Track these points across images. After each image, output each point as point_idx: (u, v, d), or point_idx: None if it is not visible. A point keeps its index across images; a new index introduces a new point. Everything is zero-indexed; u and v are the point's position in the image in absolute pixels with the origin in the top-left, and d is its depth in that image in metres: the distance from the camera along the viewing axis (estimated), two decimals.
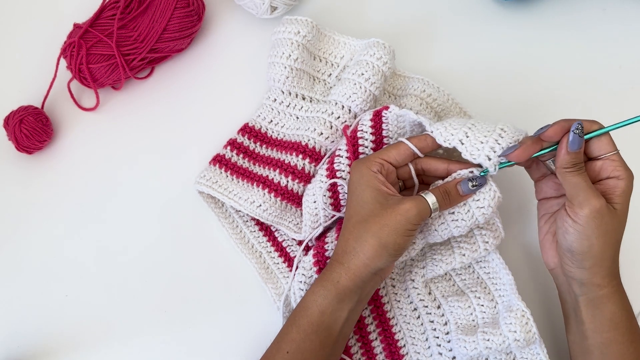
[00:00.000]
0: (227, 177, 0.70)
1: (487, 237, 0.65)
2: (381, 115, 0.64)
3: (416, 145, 0.60)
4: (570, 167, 0.56)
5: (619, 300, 0.59)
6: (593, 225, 0.56)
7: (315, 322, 0.57)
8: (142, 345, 0.68)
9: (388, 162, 0.60)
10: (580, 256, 0.58)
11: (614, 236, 0.57)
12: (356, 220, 0.58)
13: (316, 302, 0.58)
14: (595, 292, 0.59)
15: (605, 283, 0.58)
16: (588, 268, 0.58)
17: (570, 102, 0.75)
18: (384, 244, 0.56)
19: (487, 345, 0.61)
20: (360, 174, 0.59)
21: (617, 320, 0.59)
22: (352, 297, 0.58)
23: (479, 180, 0.59)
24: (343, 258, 0.58)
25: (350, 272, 0.57)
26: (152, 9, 0.72)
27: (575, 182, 0.56)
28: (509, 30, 0.78)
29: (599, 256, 0.57)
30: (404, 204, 0.56)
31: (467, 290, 0.67)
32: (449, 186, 0.59)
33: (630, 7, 0.79)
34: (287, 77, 0.70)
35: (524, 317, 0.61)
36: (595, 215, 0.55)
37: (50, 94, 0.74)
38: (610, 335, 0.59)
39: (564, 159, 0.56)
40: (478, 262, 0.68)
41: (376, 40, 0.69)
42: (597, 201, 0.55)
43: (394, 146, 0.61)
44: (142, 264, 0.70)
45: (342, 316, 0.58)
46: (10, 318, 0.69)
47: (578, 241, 0.57)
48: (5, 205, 0.72)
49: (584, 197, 0.55)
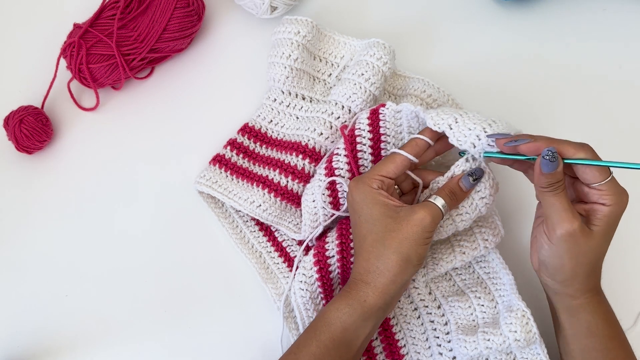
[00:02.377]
0: (227, 177, 0.70)
1: (487, 235, 0.65)
2: (378, 113, 0.64)
3: (410, 152, 0.60)
4: (546, 187, 0.55)
5: (594, 309, 0.59)
6: (565, 246, 0.55)
7: (337, 338, 0.57)
8: (142, 345, 0.68)
9: (387, 177, 0.59)
10: (553, 270, 0.58)
11: (589, 257, 0.56)
12: (372, 239, 0.57)
13: (340, 319, 0.57)
14: (569, 301, 0.59)
15: (578, 295, 0.58)
16: (560, 281, 0.58)
17: (570, 102, 0.75)
18: (406, 257, 0.56)
19: (487, 345, 0.61)
20: (364, 193, 0.58)
21: (594, 329, 0.59)
22: (379, 314, 0.58)
23: (477, 172, 0.59)
24: (367, 277, 0.57)
25: (378, 291, 0.57)
26: (152, 9, 0.72)
27: (550, 203, 0.55)
28: (509, 30, 0.78)
29: (570, 274, 0.57)
30: (417, 213, 0.56)
31: (467, 290, 0.67)
32: (453, 185, 0.59)
33: (630, 7, 0.79)
34: (287, 77, 0.70)
35: (525, 317, 0.61)
36: (567, 238, 0.55)
37: (50, 94, 0.74)
38: (589, 342, 0.59)
39: (539, 179, 0.55)
40: (478, 262, 0.68)
41: (376, 41, 0.69)
42: (570, 224, 0.54)
43: (390, 160, 0.60)
44: (142, 264, 0.70)
45: (365, 333, 0.58)
46: (10, 318, 0.69)
47: (550, 257, 0.57)
48: (5, 205, 0.72)
49: (557, 219, 0.55)
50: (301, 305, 0.65)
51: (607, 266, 0.68)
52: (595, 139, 0.73)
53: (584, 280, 0.58)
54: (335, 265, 0.65)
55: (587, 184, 0.56)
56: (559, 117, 0.75)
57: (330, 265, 0.65)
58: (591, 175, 0.55)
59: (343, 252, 0.64)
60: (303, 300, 0.65)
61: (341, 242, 0.64)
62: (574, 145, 0.55)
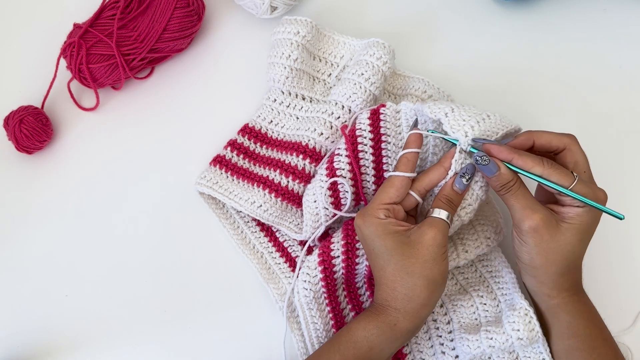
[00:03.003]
0: (228, 177, 0.70)
1: (489, 233, 0.65)
2: (379, 113, 0.64)
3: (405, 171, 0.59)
4: (499, 189, 0.57)
5: (573, 310, 0.59)
6: (532, 242, 0.57)
7: (362, 356, 0.57)
8: (142, 346, 0.68)
9: (391, 203, 0.58)
10: (525, 265, 0.59)
11: (557, 253, 0.57)
12: (393, 268, 0.57)
13: (368, 339, 0.57)
14: (547, 301, 0.60)
15: (554, 294, 0.59)
16: (533, 277, 0.59)
17: (570, 101, 0.75)
18: (432, 279, 0.56)
19: (490, 344, 0.61)
20: (372, 226, 0.57)
21: (575, 329, 0.59)
22: (407, 337, 0.58)
23: (469, 171, 0.58)
24: (396, 304, 0.57)
25: (409, 315, 0.56)
26: (152, 9, 0.72)
27: (509, 204, 0.57)
28: (508, 30, 0.78)
29: (541, 270, 0.58)
30: (427, 233, 0.56)
31: (469, 289, 0.67)
32: (448, 192, 0.58)
33: (630, 7, 0.79)
34: (287, 77, 0.70)
35: (527, 316, 0.61)
36: (532, 233, 0.56)
37: (50, 94, 0.74)
38: (571, 343, 0.60)
39: (490, 182, 0.57)
40: (480, 261, 0.68)
41: (376, 40, 0.69)
42: (531, 220, 0.56)
43: (389, 184, 0.59)
44: (143, 264, 0.70)
45: (389, 353, 0.58)
46: (11, 318, 0.69)
47: (521, 253, 0.58)
48: (5, 205, 0.72)
49: (519, 218, 0.57)
50: (304, 305, 0.65)
51: (606, 266, 0.69)
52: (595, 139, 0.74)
53: (558, 279, 0.58)
54: (340, 265, 0.65)
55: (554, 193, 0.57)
56: (559, 116, 0.74)
57: (335, 265, 0.65)
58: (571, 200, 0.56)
59: (348, 252, 0.64)
60: (306, 300, 0.65)
61: (347, 242, 0.64)
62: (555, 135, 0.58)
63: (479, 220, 0.66)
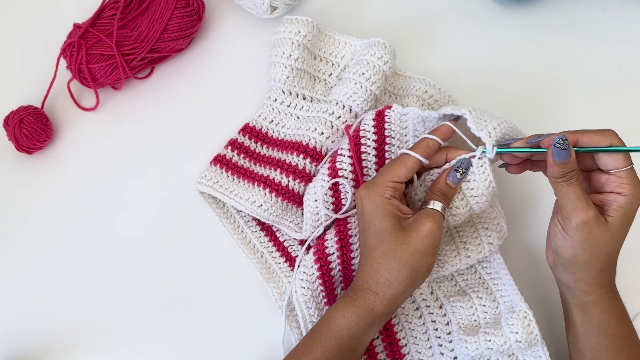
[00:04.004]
0: (228, 177, 0.70)
1: (492, 238, 0.65)
2: (384, 114, 0.64)
3: (421, 154, 0.59)
4: (560, 177, 0.55)
5: (607, 307, 0.58)
6: (579, 236, 0.55)
7: (344, 345, 0.57)
8: (143, 345, 0.68)
9: (399, 182, 0.58)
10: (565, 261, 0.58)
11: (603, 249, 0.56)
12: (382, 251, 0.57)
13: (347, 326, 0.57)
14: (581, 297, 0.59)
15: (591, 290, 0.58)
16: (572, 273, 0.58)
17: (570, 101, 0.75)
18: (417, 270, 0.56)
19: (488, 345, 0.61)
20: (375, 203, 0.57)
21: (606, 327, 0.58)
22: (383, 320, 0.59)
23: (463, 164, 0.58)
24: (376, 288, 0.57)
25: (387, 300, 0.57)
26: (152, 9, 0.72)
27: (564, 193, 0.55)
28: (509, 30, 0.78)
29: (583, 266, 0.57)
30: (425, 224, 0.56)
31: (469, 291, 0.67)
32: (441, 186, 0.58)
33: (630, 7, 0.79)
34: (288, 76, 0.70)
35: (526, 319, 0.61)
36: (582, 227, 0.55)
37: (50, 94, 0.74)
38: (600, 341, 0.59)
39: (552, 170, 0.55)
40: (480, 263, 0.68)
41: (377, 40, 0.69)
42: (585, 214, 0.54)
43: (401, 163, 0.58)
44: (143, 264, 0.70)
45: (370, 337, 0.59)
46: (10, 318, 0.69)
47: (563, 248, 0.57)
48: (5, 205, 0.72)
49: (571, 209, 0.55)
50: (302, 304, 0.65)
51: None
52: None
53: (598, 275, 0.57)
54: (336, 262, 0.65)
55: (606, 171, 0.56)
56: (559, 116, 0.75)
57: (331, 262, 0.65)
58: (614, 160, 0.55)
59: (343, 249, 0.64)
60: (305, 299, 0.65)
61: (340, 239, 0.64)
62: (598, 132, 0.55)
63: (482, 224, 0.66)
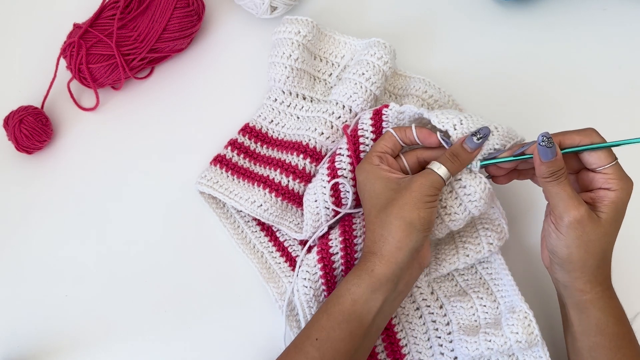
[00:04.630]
0: (228, 177, 0.70)
1: (492, 239, 0.65)
2: (381, 113, 0.64)
3: (398, 135, 0.61)
4: (548, 176, 0.55)
5: (604, 306, 0.58)
6: (573, 235, 0.55)
7: (347, 311, 0.57)
8: (143, 345, 0.68)
9: (383, 152, 0.61)
10: (561, 260, 0.58)
11: (597, 246, 0.56)
12: (377, 210, 0.58)
13: (349, 290, 0.57)
14: (578, 296, 0.59)
15: (588, 289, 0.58)
16: (568, 272, 0.58)
17: (570, 101, 0.75)
18: (409, 221, 0.56)
19: (488, 346, 0.61)
20: (366, 171, 0.60)
21: (603, 326, 0.59)
22: (388, 285, 0.57)
23: (483, 131, 0.58)
24: (374, 247, 0.57)
25: (384, 259, 0.56)
26: (152, 9, 0.72)
27: (554, 192, 0.56)
28: (509, 30, 0.78)
29: (579, 263, 0.57)
30: (416, 181, 0.57)
31: (469, 291, 0.67)
32: (455, 147, 0.58)
33: (630, 7, 0.79)
34: (288, 77, 0.70)
35: (527, 319, 0.61)
36: (575, 225, 0.55)
37: (50, 94, 0.74)
38: (597, 340, 0.59)
39: (539, 170, 0.55)
40: (481, 263, 0.68)
41: (377, 40, 0.69)
42: (577, 212, 0.55)
43: (383, 138, 0.62)
44: (143, 264, 0.70)
45: (375, 306, 0.57)
46: (10, 318, 0.68)
47: (558, 247, 0.57)
48: (5, 205, 0.72)
49: (563, 207, 0.55)
50: (304, 303, 0.65)
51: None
52: None
53: (594, 272, 0.57)
54: (340, 262, 0.65)
55: (592, 169, 0.56)
56: (558, 116, 0.75)
57: (335, 262, 0.65)
58: (597, 159, 0.56)
59: (347, 248, 0.64)
60: (306, 298, 0.65)
61: (345, 238, 0.64)
62: (578, 132, 0.56)
63: (483, 225, 0.66)
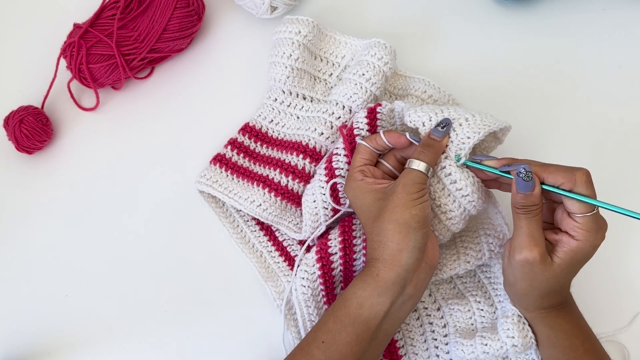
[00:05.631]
0: (228, 176, 0.70)
1: (494, 245, 0.64)
2: (376, 112, 0.64)
3: (370, 144, 0.62)
4: (519, 208, 0.55)
5: (550, 323, 0.60)
6: (520, 270, 0.56)
7: (353, 314, 0.57)
8: (143, 345, 0.68)
9: (362, 165, 0.61)
10: (506, 282, 0.60)
11: (543, 284, 0.57)
12: (371, 221, 0.58)
13: (355, 294, 0.57)
14: (525, 313, 0.61)
15: (530, 309, 0.60)
16: (512, 294, 0.61)
17: (570, 102, 0.75)
18: (402, 222, 0.56)
19: (484, 349, 0.61)
20: (353, 189, 0.60)
21: (553, 341, 0.60)
22: (394, 289, 0.56)
23: (444, 121, 0.59)
24: (375, 254, 0.57)
25: (388, 263, 0.56)
26: (152, 9, 0.72)
27: (519, 225, 0.56)
28: (509, 30, 0.78)
29: (521, 293, 0.59)
30: (398, 183, 0.57)
31: (467, 294, 0.67)
32: (425, 139, 0.59)
33: (630, 7, 0.79)
34: (288, 76, 0.70)
35: (520, 322, 0.61)
36: (524, 264, 0.56)
37: (50, 94, 0.74)
38: (552, 352, 0.60)
39: (514, 198, 0.55)
40: (479, 267, 0.68)
41: (377, 41, 0.68)
42: (530, 253, 0.55)
43: (356, 151, 0.63)
44: (142, 264, 0.70)
45: (382, 310, 0.57)
46: (10, 318, 0.69)
47: (506, 272, 0.59)
48: (5, 205, 0.72)
49: (519, 243, 0.55)
50: (302, 302, 0.65)
51: (605, 266, 0.69)
52: (594, 139, 0.74)
53: (536, 300, 0.59)
54: (338, 262, 0.65)
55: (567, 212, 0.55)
56: (558, 116, 0.75)
57: (333, 262, 0.65)
58: (572, 205, 0.54)
59: (346, 249, 0.64)
60: (304, 297, 0.65)
61: (344, 239, 0.64)
62: (565, 172, 0.54)
63: (484, 230, 0.65)
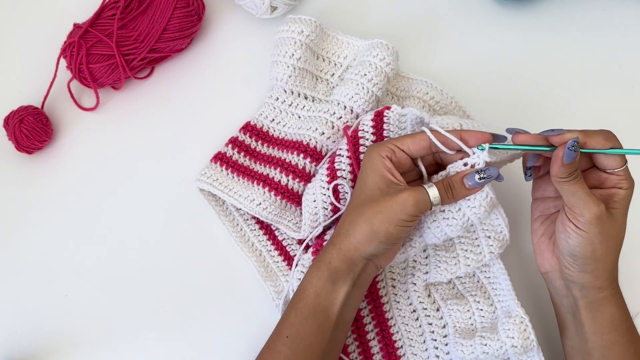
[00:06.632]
0: (228, 175, 0.70)
1: (494, 247, 0.64)
2: (383, 115, 0.64)
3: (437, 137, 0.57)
4: (566, 177, 0.55)
5: (617, 302, 0.59)
6: (595, 231, 0.56)
7: (312, 305, 0.57)
8: (142, 345, 0.68)
9: (400, 149, 0.58)
10: (583, 260, 0.58)
11: (616, 241, 0.57)
12: (355, 203, 0.58)
13: (311, 283, 0.57)
14: (595, 294, 0.59)
15: (605, 286, 0.58)
16: (590, 272, 0.58)
17: (570, 101, 0.75)
18: (375, 230, 0.55)
19: (484, 350, 0.61)
20: (370, 157, 0.58)
21: (617, 322, 0.59)
22: (345, 279, 0.57)
23: (488, 172, 0.56)
24: (336, 239, 0.57)
25: (341, 254, 0.57)
26: (152, 9, 0.72)
27: (572, 191, 0.56)
28: (509, 30, 0.78)
29: (601, 260, 0.57)
30: (403, 193, 0.55)
31: (467, 294, 0.66)
32: (454, 179, 0.57)
33: (630, 7, 0.79)
34: (290, 76, 0.70)
35: (523, 324, 0.61)
36: (597, 221, 0.56)
37: (50, 94, 0.74)
38: (611, 337, 0.59)
39: (559, 170, 0.55)
40: (479, 267, 0.67)
41: (380, 41, 0.68)
42: (597, 208, 0.55)
43: (411, 135, 0.59)
44: (142, 263, 0.70)
45: (338, 299, 0.57)
46: (10, 318, 0.69)
47: (581, 246, 0.57)
48: (5, 205, 0.72)
49: (583, 205, 0.56)
50: None
51: None
52: None
53: (613, 268, 0.59)
54: None
55: (605, 170, 0.57)
56: (559, 116, 0.75)
57: None
58: (613, 162, 0.57)
59: None
60: None
61: None
62: (603, 135, 0.57)
63: (485, 232, 0.65)
